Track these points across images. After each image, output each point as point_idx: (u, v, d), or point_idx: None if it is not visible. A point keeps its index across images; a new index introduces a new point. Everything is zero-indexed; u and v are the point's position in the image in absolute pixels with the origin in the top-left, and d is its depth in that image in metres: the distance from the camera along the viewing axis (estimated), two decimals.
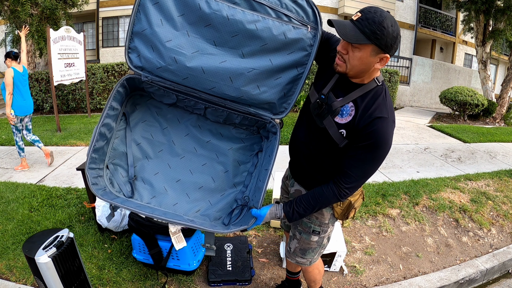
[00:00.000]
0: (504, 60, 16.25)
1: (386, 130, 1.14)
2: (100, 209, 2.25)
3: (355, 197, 1.40)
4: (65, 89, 7.40)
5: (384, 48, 1.08)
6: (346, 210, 1.40)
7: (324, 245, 1.54)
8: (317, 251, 1.53)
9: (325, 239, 1.51)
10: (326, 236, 1.50)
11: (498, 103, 8.07)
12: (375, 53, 1.10)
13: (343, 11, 12.53)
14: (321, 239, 1.49)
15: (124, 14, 12.71)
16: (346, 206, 1.39)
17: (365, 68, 1.14)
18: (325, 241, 1.52)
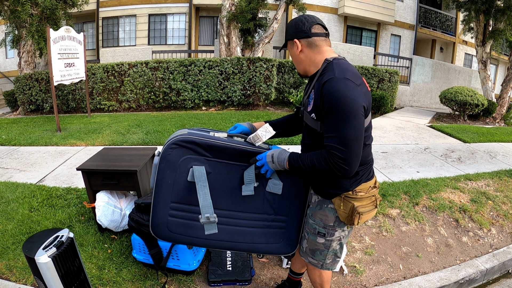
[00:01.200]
0: (504, 60, 16.25)
1: (336, 88, 1.17)
2: (100, 209, 2.25)
3: (361, 202, 1.36)
4: (65, 89, 7.40)
5: (290, 38, 1.35)
6: (349, 214, 1.37)
7: (336, 251, 1.49)
8: (325, 254, 1.49)
9: (334, 243, 1.46)
10: (335, 240, 1.46)
11: (498, 103, 8.07)
12: (291, 45, 1.36)
13: (343, 11, 12.53)
14: (328, 242, 1.46)
15: (124, 14, 12.71)
16: (350, 210, 1.36)
17: (298, 60, 1.37)
18: (334, 246, 1.47)
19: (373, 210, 1.42)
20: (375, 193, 1.41)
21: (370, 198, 1.39)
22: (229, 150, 1.38)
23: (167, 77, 7.33)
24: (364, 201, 1.37)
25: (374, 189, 1.42)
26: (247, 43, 8.35)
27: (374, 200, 1.41)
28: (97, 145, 4.67)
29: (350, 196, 1.36)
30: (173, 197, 1.39)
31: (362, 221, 1.38)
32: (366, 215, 1.39)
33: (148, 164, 2.52)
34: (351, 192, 1.36)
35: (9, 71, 12.82)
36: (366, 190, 1.38)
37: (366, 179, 1.38)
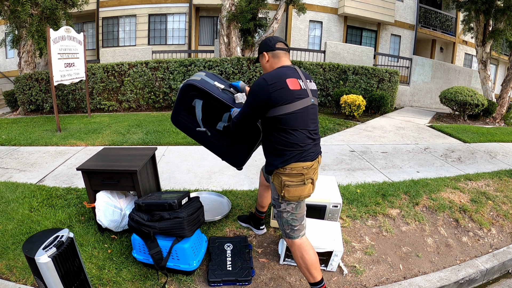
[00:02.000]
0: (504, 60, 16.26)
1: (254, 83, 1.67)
2: (100, 209, 2.25)
3: (288, 177, 1.67)
4: (65, 89, 7.40)
5: (260, 51, 1.88)
6: (280, 187, 1.70)
7: (288, 222, 1.78)
8: (281, 224, 1.82)
9: (283, 214, 1.77)
10: (284, 212, 1.77)
11: (498, 103, 8.07)
12: (261, 57, 1.89)
13: (343, 11, 12.53)
14: (279, 213, 1.80)
15: (124, 14, 12.71)
16: (280, 183, 1.69)
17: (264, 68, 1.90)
18: (286, 216, 1.77)
19: (303, 186, 1.69)
20: (306, 172, 1.68)
21: (299, 175, 1.67)
22: (216, 99, 2.11)
23: (167, 77, 7.33)
24: (292, 177, 1.68)
25: (308, 169, 1.69)
26: (247, 43, 8.35)
27: (303, 178, 1.68)
28: (97, 145, 4.67)
29: (280, 172, 1.70)
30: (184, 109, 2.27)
31: (290, 194, 1.68)
32: (294, 189, 1.68)
33: (148, 164, 2.52)
34: (281, 169, 1.69)
35: (9, 71, 12.82)
36: (297, 169, 1.67)
37: (296, 160, 1.66)
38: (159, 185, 2.82)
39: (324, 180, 2.78)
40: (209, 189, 3.16)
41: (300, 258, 1.81)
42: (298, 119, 1.65)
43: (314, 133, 1.74)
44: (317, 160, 1.77)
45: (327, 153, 4.46)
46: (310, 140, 1.71)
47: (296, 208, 1.77)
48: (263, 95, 1.60)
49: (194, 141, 4.75)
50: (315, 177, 1.75)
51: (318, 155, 1.79)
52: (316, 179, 1.77)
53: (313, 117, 1.73)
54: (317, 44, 13.00)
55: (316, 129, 1.77)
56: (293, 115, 1.63)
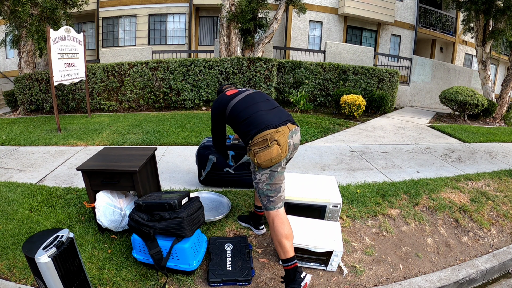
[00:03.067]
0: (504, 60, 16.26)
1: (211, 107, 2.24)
2: (100, 209, 2.25)
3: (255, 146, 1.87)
4: (65, 89, 7.40)
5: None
6: (253, 156, 1.89)
7: (264, 192, 1.92)
8: (260, 195, 1.96)
9: (260, 185, 1.93)
10: (259, 182, 1.93)
11: (498, 103, 8.07)
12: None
13: (343, 11, 12.54)
14: (256, 184, 1.97)
15: (124, 14, 12.72)
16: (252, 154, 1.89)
17: None
18: (262, 187, 1.93)
19: (270, 148, 1.83)
20: (269, 137, 1.84)
21: (265, 140, 1.84)
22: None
23: (167, 77, 7.33)
24: (259, 144, 1.86)
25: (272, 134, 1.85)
26: (247, 43, 8.35)
27: (267, 142, 1.84)
28: (97, 145, 4.67)
29: (250, 146, 1.92)
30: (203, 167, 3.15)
31: (261, 159, 1.85)
32: (263, 153, 1.84)
33: (148, 164, 2.52)
34: (250, 143, 1.90)
35: (9, 71, 12.82)
36: (262, 136, 1.86)
37: (256, 132, 1.88)
38: (159, 185, 2.82)
39: (324, 180, 2.78)
40: (209, 189, 3.16)
41: (273, 230, 1.91)
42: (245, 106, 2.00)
43: (269, 108, 2.02)
44: (285, 126, 1.93)
45: (327, 153, 4.46)
46: (264, 112, 1.97)
47: (270, 177, 1.91)
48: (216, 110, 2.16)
49: (194, 141, 4.76)
50: (282, 139, 1.87)
51: (285, 123, 1.95)
52: (284, 141, 1.88)
53: (259, 98, 2.07)
54: (317, 44, 13.00)
55: (270, 105, 2.06)
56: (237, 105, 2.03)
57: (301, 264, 2.23)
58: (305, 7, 8.37)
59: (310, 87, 7.88)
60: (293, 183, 2.66)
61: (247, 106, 2.00)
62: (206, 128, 5.48)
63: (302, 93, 7.29)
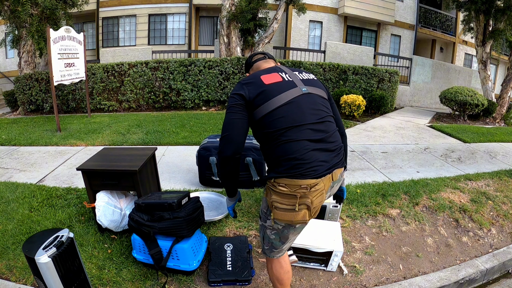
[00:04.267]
0: (504, 60, 16.25)
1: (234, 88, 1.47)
2: (100, 209, 2.25)
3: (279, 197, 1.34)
4: (65, 89, 7.40)
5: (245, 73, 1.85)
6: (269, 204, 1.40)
7: (270, 240, 1.51)
8: (262, 237, 1.57)
9: (267, 231, 1.51)
10: (268, 228, 1.50)
11: (498, 103, 8.07)
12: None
13: (343, 11, 12.53)
14: (262, 227, 1.55)
15: (124, 14, 12.72)
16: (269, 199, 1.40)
17: None
18: (268, 233, 1.51)
19: (292, 212, 1.32)
20: (302, 193, 1.29)
21: (293, 197, 1.30)
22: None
23: (167, 77, 7.33)
24: (284, 197, 1.32)
25: (305, 190, 1.28)
26: (247, 43, 8.35)
27: (295, 202, 1.30)
28: (97, 145, 4.67)
29: (271, 187, 1.37)
30: (204, 168, 3.14)
31: (279, 217, 1.36)
32: (282, 213, 1.34)
33: (148, 164, 2.52)
34: (272, 181, 1.35)
35: (9, 71, 12.82)
36: (291, 187, 1.30)
37: (286, 174, 1.30)
38: (159, 185, 2.82)
39: None
40: (209, 189, 3.16)
41: (270, 270, 1.66)
42: (287, 114, 1.33)
43: (320, 129, 1.34)
44: (329, 176, 1.34)
45: None
46: (309, 144, 1.30)
47: (284, 231, 1.45)
48: (236, 92, 1.43)
49: (194, 141, 4.75)
50: (317, 201, 1.31)
51: (332, 169, 1.34)
52: (318, 204, 1.33)
53: (311, 106, 1.37)
54: (317, 44, 13.00)
55: (323, 121, 1.37)
56: (277, 111, 1.33)
57: (301, 264, 2.23)
58: (305, 7, 8.37)
59: None
60: None
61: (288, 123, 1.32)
62: (206, 128, 5.47)
63: None
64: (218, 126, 5.59)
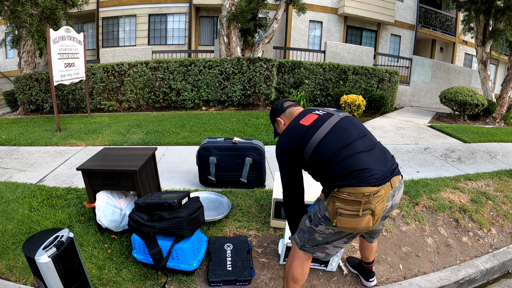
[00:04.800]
0: (504, 60, 16.25)
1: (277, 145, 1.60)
2: (100, 209, 2.25)
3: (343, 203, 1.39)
4: (65, 89, 7.40)
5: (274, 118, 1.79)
6: (333, 212, 1.45)
7: (317, 241, 1.58)
8: (306, 238, 1.60)
9: (316, 234, 1.56)
10: (318, 232, 1.56)
11: (498, 103, 8.07)
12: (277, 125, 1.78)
13: (343, 11, 12.53)
14: (311, 229, 1.58)
15: (124, 14, 12.72)
16: (334, 208, 1.44)
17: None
18: (316, 237, 1.57)
19: (357, 219, 1.38)
20: (365, 200, 1.36)
21: (357, 203, 1.36)
22: (223, 147, 3.10)
23: (167, 77, 7.33)
24: (348, 204, 1.38)
25: (369, 197, 1.36)
26: (247, 43, 8.35)
27: (359, 208, 1.36)
28: (97, 145, 4.67)
29: (335, 195, 1.43)
30: (204, 168, 3.15)
31: (342, 224, 1.41)
32: (347, 220, 1.39)
33: (148, 164, 2.52)
34: (336, 190, 1.42)
35: (9, 71, 12.82)
36: (355, 195, 1.37)
37: (353, 184, 1.37)
38: (159, 185, 2.82)
39: None
40: (209, 189, 3.16)
41: (288, 266, 1.70)
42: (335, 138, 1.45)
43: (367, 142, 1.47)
44: (388, 184, 1.41)
45: None
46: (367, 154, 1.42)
47: (335, 235, 1.52)
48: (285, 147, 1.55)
49: (194, 141, 4.75)
50: (379, 207, 1.38)
51: (390, 177, 1.42)
52: (380, 210, 1.39)
53: (353, 125, 1.51)
54: (317, 44, 13.00)
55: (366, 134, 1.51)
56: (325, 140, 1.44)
57: None
58: (305, 7, 8.37)
59: (310, 87, 7.88)
60: None
61: (339, 145, 1.43)
62: (206, 128, 5.48)
63: (302, 93, 7.29)
64: (218, 126, 5.59)
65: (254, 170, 3.12)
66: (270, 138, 4.87)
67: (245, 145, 3.07)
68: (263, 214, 2.75)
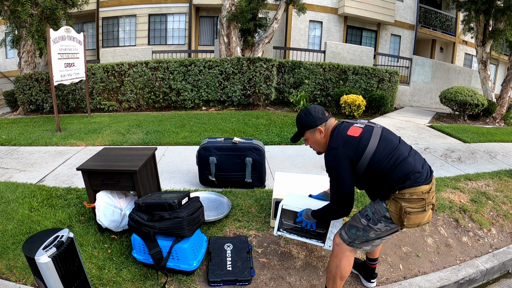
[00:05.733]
0: (504, 60, 16.25)
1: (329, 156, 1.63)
2: (100, 209, 2.25)
3: (408, 203, 1.54)
4: (65, 89, 7.40)
5: (313, 126, 1.73)
6: (399, 214, 1.56)
7: (369, 238, 1.70)
8: (359, 235, 1.70)
9: (371, 232, 1.68)
10: (375, 229, 1.67)
11: (498, 103, 8.07)
12: (313, 132, 1.75)
13: (343, 11, 12.53)
14: (368, 227, 1.68)
15: (124, 14, 12.72)
16: (399, 210, 1.56)
17: (320, 142, 1.76)
18: (371, 234, 1.69)
19: (424, 213, 1.56)
20: (425, 196, 1.55)
21: (420, 200, 1.54)
22: (223, 148, 3.09)
23: (167, 77, 7.33)
24: (412, 202, 1.54)
25: (426, 194, 1.56)
26: (247, 43, 8.35)
27: (423, 203, 1.55)
28: (97, 145, 4.67)
29: (397, 196, 1.56)
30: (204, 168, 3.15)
31: (411, 222, 1.55)
32: (415, 216, 1.55)
33: (148, 164, 2.52)
34: (397, 193, 1.56)
35: (9, 71, 12.83)
36: (416, 193, 1.54)
37: (410, 184, 1.54)
38: (159, 185, 2.82)
39: (324, 180, 2.78)
40: (209, 189, 3.16)
41: (335, 264, 1.77)
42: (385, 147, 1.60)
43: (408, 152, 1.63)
44: (432, 181, 1.62)
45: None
46: (411, 159, 1.59)
47: (387, 229, 1.67)
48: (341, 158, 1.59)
49: (194, 141, 4.76)
50: (434, 200, 1.61)
51: (431, 175, 1.63)
52: (435, 202, 1.64)
53: (392, 136, 1.68)
54: (317, 44, 13.00)
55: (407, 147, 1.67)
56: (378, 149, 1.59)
57: (298, 238, 2.07)
58: (305, 7, 8.37)
59: (310, 87, 7.88)
60: (293, 183, 2.66)
61: (390, 153, 1.59)
62: (206, 128, 5.48)
63: (302, 93, 7.29)
64: (218, 126, 5.59)
65: (254, 170, 3.12)
66: (270, 138, 4.87)
67: (245, 145, 3.07)
68: (263, 214, 2.75)
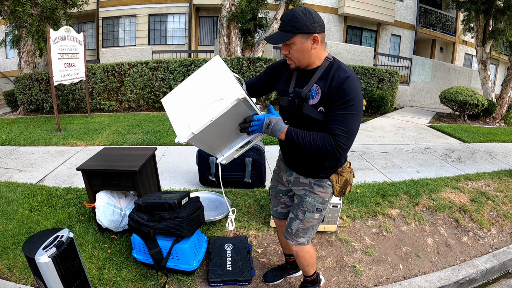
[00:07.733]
0: (504, 60, 16.25)
1: (354, 86, 1.30)
2: (100, 209, 2.25)
3: (348, 175, 1.60)
4: (65, 89, 7.40)
5: (307, 31, 1.28)
6: (343, 187, 1.60)
7: (315, 229, 1.71)
8: (316, 228, 1.70)
9: (317, 222, 1.68)
10: (317, 221, 1.67)
11: (498, 103, 8.07)
12: (305, 39, 1.30)
13: (343, 11, 12.53)
14: (321, 217, 1.67)
15: (124, 14, 12.71)
16: (343, 183, 1.59)
17: (307, 55, 1.34)
18: (318, 222, 1.70)
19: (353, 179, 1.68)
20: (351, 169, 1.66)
21: (351, 172, 1.63)
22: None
23: (167, 77, 7.33)
24: (349, 174, 1.61)
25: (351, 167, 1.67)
26: (247, 43, 8.35)
27: (351, 169, 1.65)
28: (97, 145, 4.67)
29: (342, 170, 1.58)
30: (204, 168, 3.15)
31: (350, 189, 1.65)
32: (350, 187, 1.66)
33: (148, 164, 2.52)
34: (341, 168, 1.57)
35: (9, 71, 12.82)
36: (347, 167, 1.62)
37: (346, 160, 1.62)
38: (159, 185, 2.82)
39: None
40: (209, 189, 3.16)
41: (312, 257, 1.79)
42: None
43: None
44: None
45: None
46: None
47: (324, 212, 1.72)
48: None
49: None
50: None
51: None
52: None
53: None
54: None
55: None
56: None
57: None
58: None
59: None
60: None
61: None
62: None
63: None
64: None
65: (254, 170, 3.12)
66: (270, 138, 4.87)
67: None
68: (263, 214, 2.75)
